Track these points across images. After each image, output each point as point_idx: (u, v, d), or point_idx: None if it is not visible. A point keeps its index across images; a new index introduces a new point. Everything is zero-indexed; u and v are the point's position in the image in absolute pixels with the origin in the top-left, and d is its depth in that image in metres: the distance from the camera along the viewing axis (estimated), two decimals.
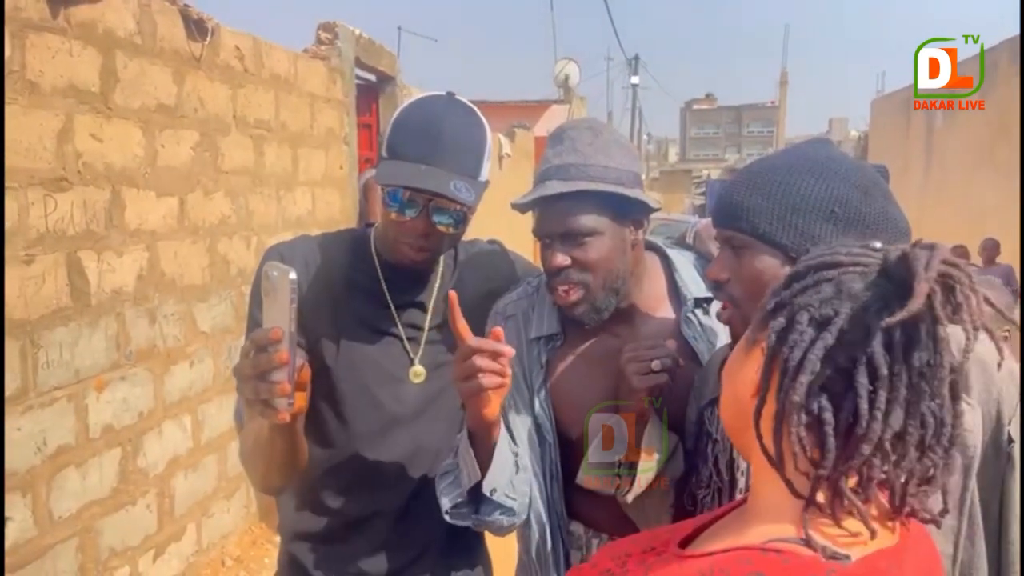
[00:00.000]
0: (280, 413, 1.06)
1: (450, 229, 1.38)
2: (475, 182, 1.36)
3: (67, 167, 2.62)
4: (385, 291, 1.48)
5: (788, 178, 1.13)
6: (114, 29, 2.85)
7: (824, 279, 0.85)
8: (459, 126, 1.38)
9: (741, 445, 0.93)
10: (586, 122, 1.42)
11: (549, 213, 1.36)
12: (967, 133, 10.42)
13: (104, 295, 2.82)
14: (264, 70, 3.96)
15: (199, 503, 3.46)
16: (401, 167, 1.34)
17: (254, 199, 3.89)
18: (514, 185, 9.29)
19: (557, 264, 1.34)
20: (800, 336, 0.81)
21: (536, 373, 1.43)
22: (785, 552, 0.75)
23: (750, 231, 1.13)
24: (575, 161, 1.34)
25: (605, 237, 1.34)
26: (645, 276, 1.45)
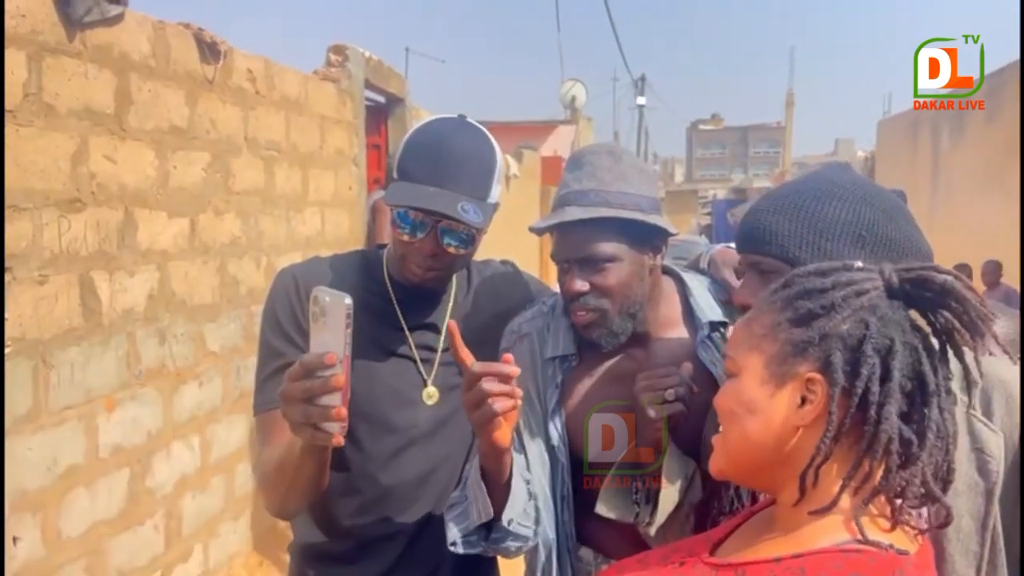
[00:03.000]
0: (335, 436, 1.07)
1: (459, 250, 1.39)
2: (484, 204, 1.37)
3: (81, 188, 2.64)
4: (398, 313, 1.49)
5: (815, 203, 1.14)
6: (129, 52, 2.89)
7: (857, 305, 0.88)
8: (469, 148, 1.39)
9: (763, 476, 0.93)
10: (606, 147, 1.43)
11: (568, 238, 1.36)
12: (974, 155, 10.42)
13: (115, 315, 2.83)
14: (275, 92, 4.00)
15: (207, 524, 3.45)
16: (410, 188, 1.36)
17: (264, 219, 3.91)
18: (520, 205, 9.31)
19: (576, 289, 1.35)
20: (873, 368, 0.86)
21: (551, 393, 1.43)
22: (865, 551, 0.82)
23: (779, 256, 1.14)
24: (595, 187, 1.35)
25: (624, 263, 1.35)
26: (661, 299, 1.45)
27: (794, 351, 0.89)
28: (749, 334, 0.94)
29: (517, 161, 10.67)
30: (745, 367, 0.93)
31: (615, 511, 1.37)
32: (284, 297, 1.47)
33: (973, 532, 1.12)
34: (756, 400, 0.91)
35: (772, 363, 0.90)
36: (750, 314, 0.96)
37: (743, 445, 0.92)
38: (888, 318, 0.88)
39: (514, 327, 1.50)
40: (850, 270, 0.92)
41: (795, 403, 0.89)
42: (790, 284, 0.94)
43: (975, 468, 1.13)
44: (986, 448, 1.13)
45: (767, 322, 0.92)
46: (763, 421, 0.90)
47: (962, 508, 1.10)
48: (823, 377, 0.87)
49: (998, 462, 1.12)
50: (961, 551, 1.12)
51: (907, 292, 0.91)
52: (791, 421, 0.89)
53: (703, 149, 65.77)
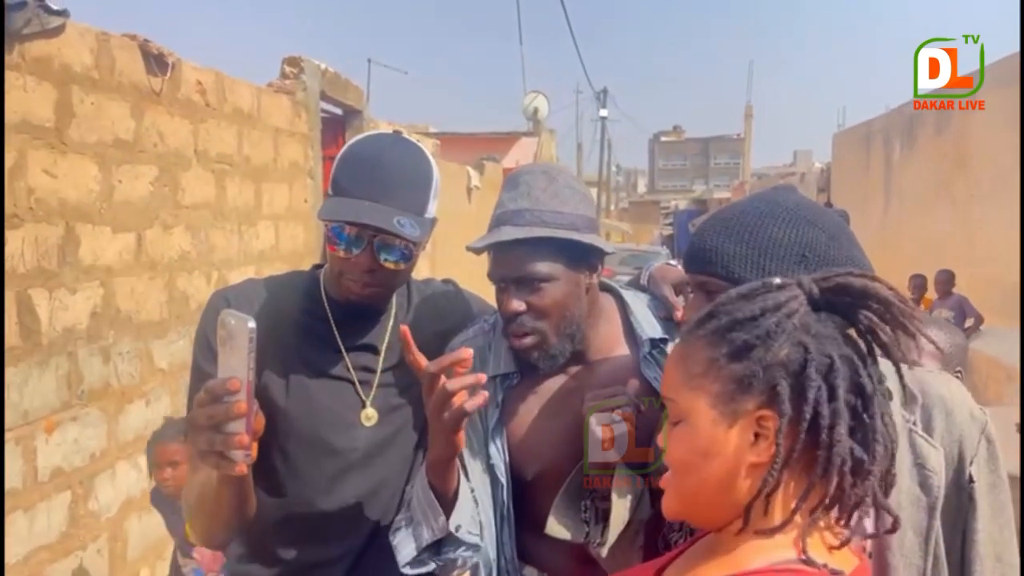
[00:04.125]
0: (238, 465, 1.03)
1: (397, 265, 1.37)
2: (421, 219, 1.36)
3: (18, 203, 2.57)
4: (336, 334, 1.46)
5: (760, 223, 1.16)
6: (71, 64, 2.82)
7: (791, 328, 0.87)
8: (404, 163, 1.37)
9: (716, 512, 0.91)
10: (541, 167, 1.43)
11: (504, 258, 1.36)
12: (924, 167, 10.67)
13: (55, 334, 2.75)
14: (227, 104, 3.94)
15: (153, 546, 3.36)
16: (344, 203, 1.34)
17: (215, 234, 3.85)
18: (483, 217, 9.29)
19: (512, 310, 1.35)
20: (819, 392, 0.85)
21: (491, 412, 1.42)
22: (797, 571, 0.83)
23: (724, 276, 1.15)
24: (529, 207, 1.35)
25: (560, 283, 1.35)
26: (601, 317, 1.45)
27: (739, 388, 0.87)
28: (686, 374, 0.90)
29: (479, 173, 10.68)
30: (691, 411, 0.89)
31: (566, 531, 1.36)
32: (215, 319, 1.44)
33: (916, 547, 1.13)
34: (710, 444, 0.88)
35: (719, 403, 0.88)
36: (680, 349, 0.93)
37: (701, 488, 0.90)
38: (821, 334, 0.87)
39: (455, 345, 1.48)
40: (770, 289, 0.91)
41: (748, 440, 0.87)
42: (716, 315, 0.91)
43: (917, 483, 1.14)
44: (927, 463, 1.15)
45: (702, 359, 0.89)
46: (720, 463, 0.88)
47: (905, 523, 1.12)
48: (772, 411, 0.85)
49: (939, 477, 1.14)
50: (904, 565, 1.13)
51: (829, 301, 0.90)
52: (746, 458, 0.87)
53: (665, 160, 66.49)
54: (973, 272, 7.98)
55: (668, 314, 1.47)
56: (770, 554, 0.86)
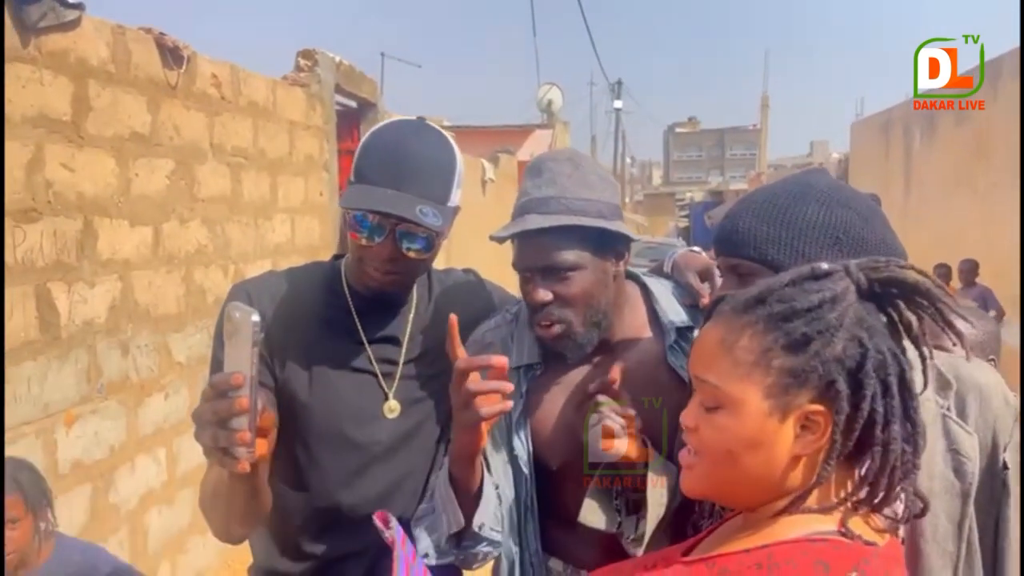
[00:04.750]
0: (240, 462, 1.00)
1: (419, 254, 1.35)
2: (443, 207, 1.34)
3: (37, 197, 2.57)
4: (358, 326, 1.45)
5: (794, 205, 1.15)
6: (87, 58, 2.82)
7: (848, 323, 0.86)
8: (427, 151, 1.35)
9: (747, 499, 0.92)
10: (566, 153, 1.40)
11: (530, 247, 1.33)
12: (945, 156, 10.54)
13: (75, 327, 2.76)
14: (242, 97, 3.93)
15: (174, 539, 3.38)
16: (367, 191, 1.32)
17: (231, 227, 3.85)
18: (497, 210, 9.30)
19: (539, 299, 1.32)
20: (875, 389, 0.85)
21: (516, 403, 1.40)
22: (831, 540, 0.84)
23: (757, 259, 1.14)
24: (555, 194, 1.32)
25: (587, 271, 1.32)
26: (626, 306, 1.43)
27: (794, 381, 0.85)
28: (733, 361, 0.88)
29: (494, 165, 10.65)
30: (739, 400, 0.87)
31: (599, 521, 1.34)
32: None
33: (950, 533, 1.12)
34: (758, 436, 0.86)
35: (772, 395, 0.86)
36: (721, 332, 0.90)
37: (738, 477, 0.89)
38: (874, 328, 0.87)
39: (477, 336, 1.47)
40: (819, 276, 0.89)
41: (795, 433, 0.86)
42: (766, 301, 0.89)
43: (951, 469, 1.13)
44: (961, 449, 1.14)
45: (754, 347, 0.87)
46: (766, 456, 0.87)
47: (939, 509, 1.11)
48: (826, 406, 0.85)
49: (973, 463, 1.13)
50: (938, 552, 1.12)
51: (875, 292, 0.89)
52: (791, 450, 0.87)
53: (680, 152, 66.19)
54: (993, 262, 7.88)
55: (693, 301, 1.44)
56: (801, 528, 0.87)
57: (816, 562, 0.82)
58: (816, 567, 0.81)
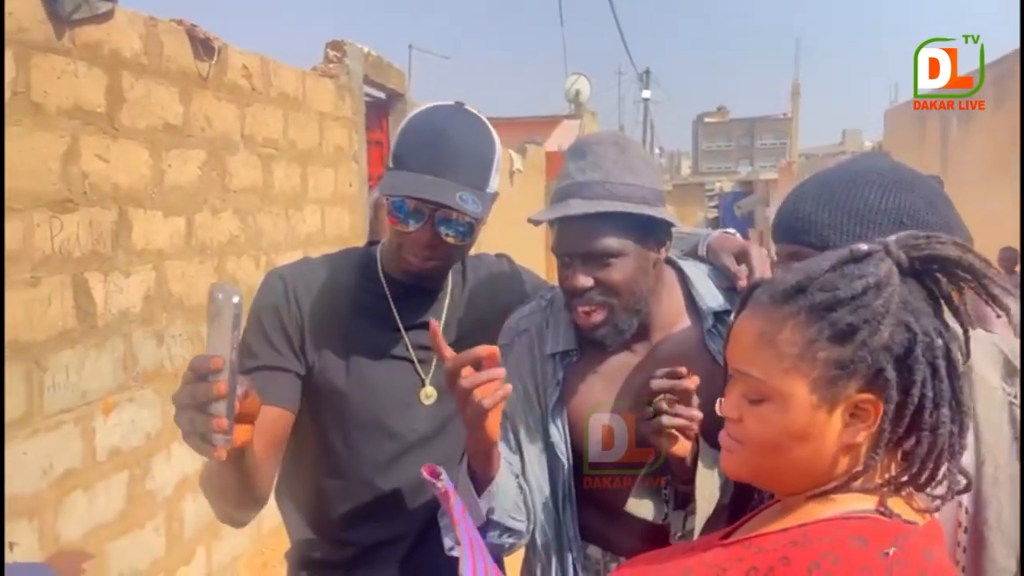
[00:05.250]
0: (216, 449, 0.96)
1: (457, 240, 1.34)
2: (482, 193, 1.32)
3: (72, 188, 2.61)
4: (395, 312, 1.44)
5: (855, 191, 1.13)
6: (120, 50, 2.85)
7: (894, 308, 0.85)
8: (466, 136, 1.34)
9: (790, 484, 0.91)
10: (611, 136, 1.38)
11: (571, 232, 1.31)
12: (982, 142, 10.31)
13: (111, 316, 2.80)
14: (272, 88, 3.95)
15: (209, 526, 3.42)
16: (406, 177, 1.31)
17: (263, 218, 3.88)
18: (525, 200, 9.28)
19: (580, 285, 1.30)
20: (924, 374, 0.84)
21: (551, 391, 1.38)
22: (869, 518, 0.84)
23: (819, 245, 1.11)
24: (599, 179, 1.29)
25: (630, 258, 1.30)
26: (663, 291, 1.40)
27: (842, 373, 0.84)
28: (775, 354, 0.86)
29: (521, 156, 10.62)
30: (785, 394, 0.86)
31: (647, 511, 1.32)
32: (269, 298, 1.43)
33: (1014, 522, 1.09)
34: (806, 429, 0.86)
35: (819, 387, 0.85)
36: (761, 324, 0.89)
37: (784, 467, 0.89)
38: (919, 310, 0.85)
39: (512, 323, 1.45)
40: (859, 259, 0.87)
41: (843, 422, 0.86)
42: (807, 289, 0.87)
43: (1016, 458, 1.10)
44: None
45: (798, 339, 0.85)
46: (814, 447, 0.86)
47: (1003, 498, 1.08)
48: (876, 394, 0.84)
49: None
50: (1002, 540, 1.09)
51: (916, 270, 0.88)
52: (839, 440, 0.86)
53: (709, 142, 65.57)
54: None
55: (730, 284, 1.42)
56: (844, 506, 0.86)
57: (852, 538, 0.81)
58: (852, 542, 0.81)
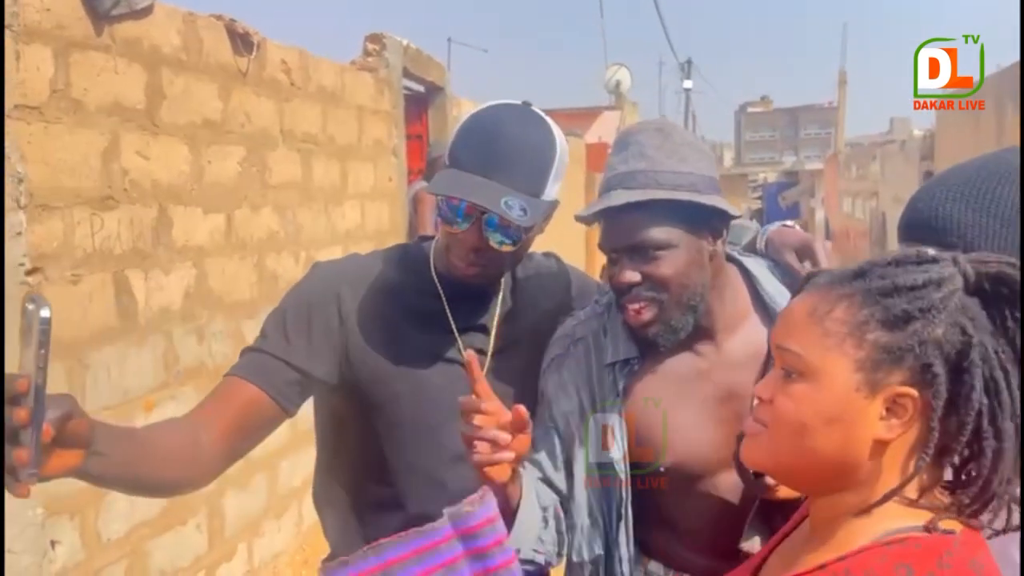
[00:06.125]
0: (18, 486, 0.84)
1: (504, 246, 1.27)
2: (535, 200, 1.24)
3: (113, 185, 2.60)
4: (448, 314, 1.38)
5: (997, 189, 1.08)
6: (159, 46, 2.83)
7: (952, 307, 0.81)
8: (524, 138, 1.26)
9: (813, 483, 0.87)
10: (654, 123, 1.30)
11: (616, 225, 1.24)
12: None
13: (152, 313, 2.79)
14: (311, 83, 3.93)
15: (250, 523, 3.42)
16: (456, 177, 1.25)
17: (302, 213, 3.86)
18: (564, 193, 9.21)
19: (626, 280, 1.22)
20: (982, 379, 0.80)
21: (611, 402, 1.30)
22: (910, 539, 0.80)
23: (962, 246, 1.06)
24: (643, 167, 1.22)
25: (680, 250, 1.22)
26: (727, 289, 1.31)
27: (888, 358, 0.80)
28: (822, 331, 0.83)
29: None
30: (824, 370, 0.82)
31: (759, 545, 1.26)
32: (305, 294, 1.38)
33: None
34: (841, 410, 0.82)
35: (863, 369, 0.81)
36: (813, 302, 0.86)
37: (809, 453, 0.84)
38: (980, 321, 0.82)
39: (567, 330, 1.37)
40: (927, 261, 0.84)
41: (879, 414, 0.81)
42: (866, 275, 0.84)
43: None
44: None
45: (849, 318, 0.82)
46: (844, 434, 0.82)
47: None
48: (918, 390, 0.80)
49: None
50: None
51: (982, 288, 0.84)
52: (872, 433, 0.81)
53: (752, 132, 64.56)
54: None
55: (793, 280, 1.33)
56: (870, 531, 0.83)
57: (897, 566, 0.78)
58: (898, 571, 0.78)
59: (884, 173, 15.20)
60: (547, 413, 1.36)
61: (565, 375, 1.32)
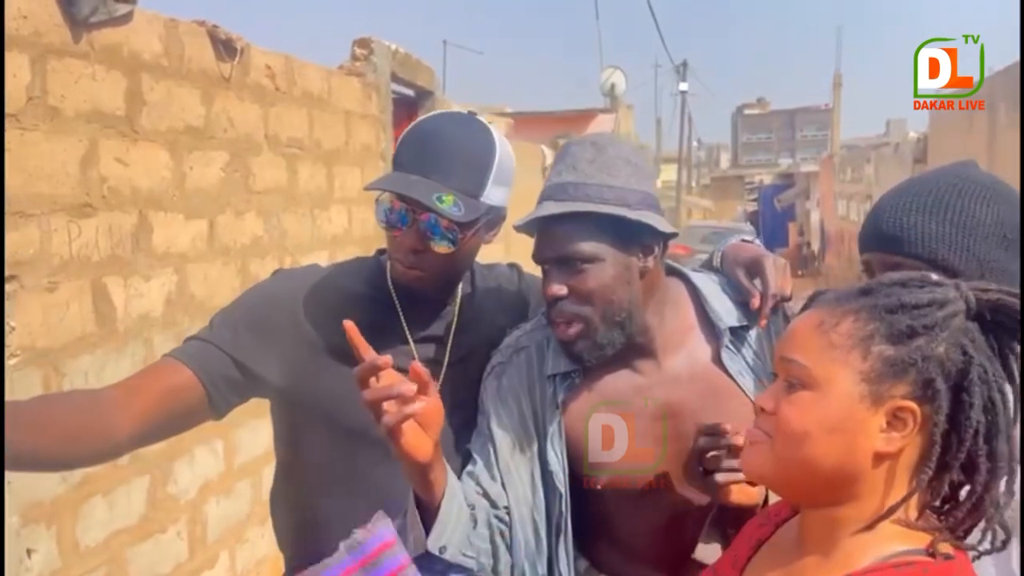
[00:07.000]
0: None
1: (443, 248, 1.28)
2: (472, 200, 1.26)
3: (91, 192, 2.59)
4: (403, 323, 1.39)
5: (960, 202, 1.11)
6: (140, 52, 2.83)
7: (954, 327, 0.83)
8: (462, 140, 1.28)
9: (810, 495, 0.88)
10: (591, 137, 1.31)
11: (545, 237, 1.26)
12: None
13: (131, 320, 2.79)
14: (296, 88, 3.92)
15: (232, 529, 3.41)
16: (392, 176, 1.27)
17: (288, 218, 3.85)
18: None
19: (552, 293, 1.23)
20: (980, 399, 0.82)
21: (550, 414, 1.30)
22: (918, 563, 0.82)
23: (925, 257, 1.10)
24: (573, 180, 1.23)
25: (606, 264, 1.22)
26: (668, 305, 1.31)
27: (893, 371, 0.82)
28: (827, 343, 0.85)
29: (553, 151, 10.52)
30: (828, 380, 0.84)
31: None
32: (264, 298, 1.39)
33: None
34: (843, 420, 0.83)
35: (867, 380, 0.83)
36: (820, 317, 0.88)
37: (809, 463, 0.85)
38: (980, 344, 0.84)
39: (511, 341, 1.38)
40: (931, 283, 0.87)
41: (880, 426, 0.83)
42: (874, 292, 0.87)
43: None
44: None
45: (855, 332, 0.84)
46: (845, 444, 0.84)
47: None
48: (919, 404, 0.82)
49: None
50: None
51: (981, 315, 0.86)
52: (871, 445, 0.84)
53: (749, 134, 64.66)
54: None
55: (745, 298, 1.33)
56: (876, 549, 0.84)
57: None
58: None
59: (878, 175, 15.22)
60: (484, 423, 1.35)
61: (505, 383, 1.33)
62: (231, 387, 1.32)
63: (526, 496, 1.30)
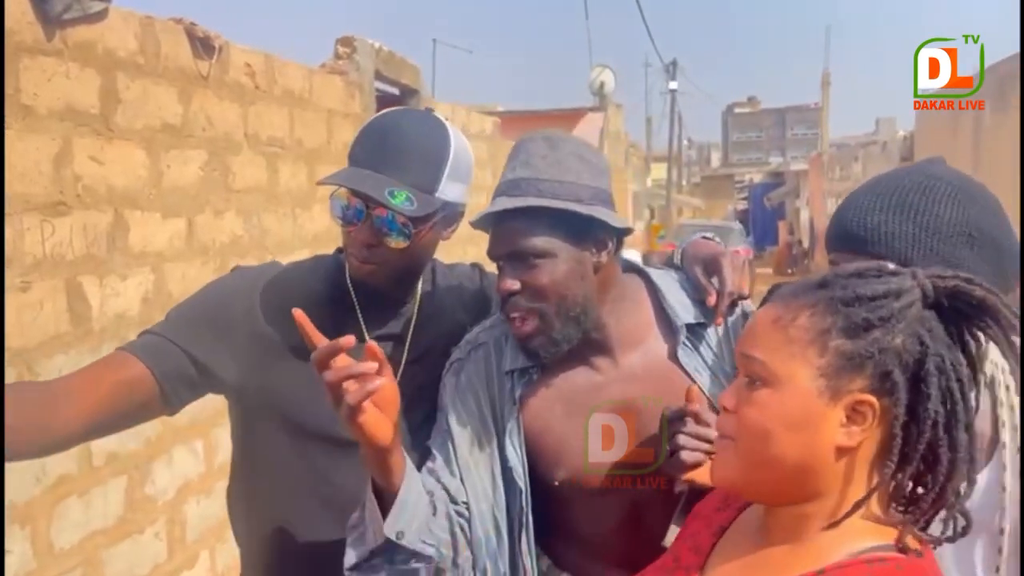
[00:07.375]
0: None
1: (397, 244, 1.27)
2: (425, 196, 1.26)
3: (65, 191, 2.58)
4: (360, 321, 1.38)
5: (925, 201, 1.11)
6: (115, 49, 2.81)
7: (911, 318, 0.83)
8: (416, 136, 1.28)
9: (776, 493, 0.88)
10: (544, 133, 1.30)
11: (498, 232, 1.26)
12: (1017, 129, 10.01)
13: (107, 320, 2.77)
14: (277, 87, 3.91)
15: (212, 529, 3.39)
16: (346, 170, 1.28)
17: (268, 217, 3.84)
18: None
19: (505, 288, 1.23)
20: (938, 389, 0.82)
21: (508, 410, 1.30)
22: (890, 559, 0.82)
23: (889, 256, 1.09)
24: (526, 175, 1.23)
25: (559, 260, 1.22)
26: (625, 302, 1.31)
27: (850, 365, 0.82)
28: (785, 339, 0.85)
29: None
30: (786, 377, 0.84)
31: None
32: (224, 295, 1.38)
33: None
34: (803, 417, 0.83)
35: (825, 375, 0.83)
36: (777, 312, 0.88)
37: (773, 460, 0.85)
38: (936, 334, 0.84)
39: (470, 337, 1.38)
40: (886, 273, 0.87)
41: (840, 421, 0.83)
42: (829, 285, 0.87)
43: None
44: None
45: (811, 327, 0.84)
46: (807, 440, 0.84)
47: None
48: (878, 397, 0.82)
49: None
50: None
51: (939, 303, 0.86)
52: (833, 440, 0.83)
53: (739, 133, 64.84)
54: None
55: (702, 296, 1.33)
56: (848, 544, 0.84)
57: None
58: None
59: (866, 174, 15.29)
60: (443, 419, 1.35)
61: (463, 380, 1.33)
62: (184, 382, 1.31)
63: (486, 492, 1.30)
